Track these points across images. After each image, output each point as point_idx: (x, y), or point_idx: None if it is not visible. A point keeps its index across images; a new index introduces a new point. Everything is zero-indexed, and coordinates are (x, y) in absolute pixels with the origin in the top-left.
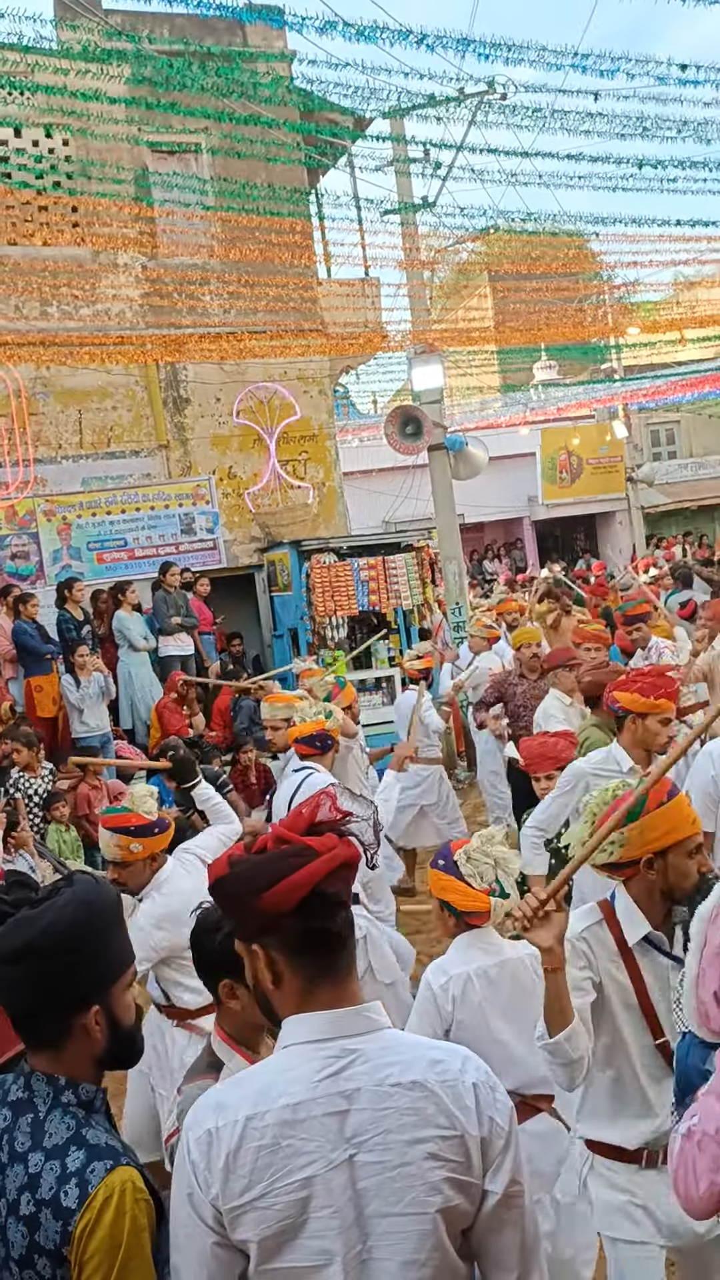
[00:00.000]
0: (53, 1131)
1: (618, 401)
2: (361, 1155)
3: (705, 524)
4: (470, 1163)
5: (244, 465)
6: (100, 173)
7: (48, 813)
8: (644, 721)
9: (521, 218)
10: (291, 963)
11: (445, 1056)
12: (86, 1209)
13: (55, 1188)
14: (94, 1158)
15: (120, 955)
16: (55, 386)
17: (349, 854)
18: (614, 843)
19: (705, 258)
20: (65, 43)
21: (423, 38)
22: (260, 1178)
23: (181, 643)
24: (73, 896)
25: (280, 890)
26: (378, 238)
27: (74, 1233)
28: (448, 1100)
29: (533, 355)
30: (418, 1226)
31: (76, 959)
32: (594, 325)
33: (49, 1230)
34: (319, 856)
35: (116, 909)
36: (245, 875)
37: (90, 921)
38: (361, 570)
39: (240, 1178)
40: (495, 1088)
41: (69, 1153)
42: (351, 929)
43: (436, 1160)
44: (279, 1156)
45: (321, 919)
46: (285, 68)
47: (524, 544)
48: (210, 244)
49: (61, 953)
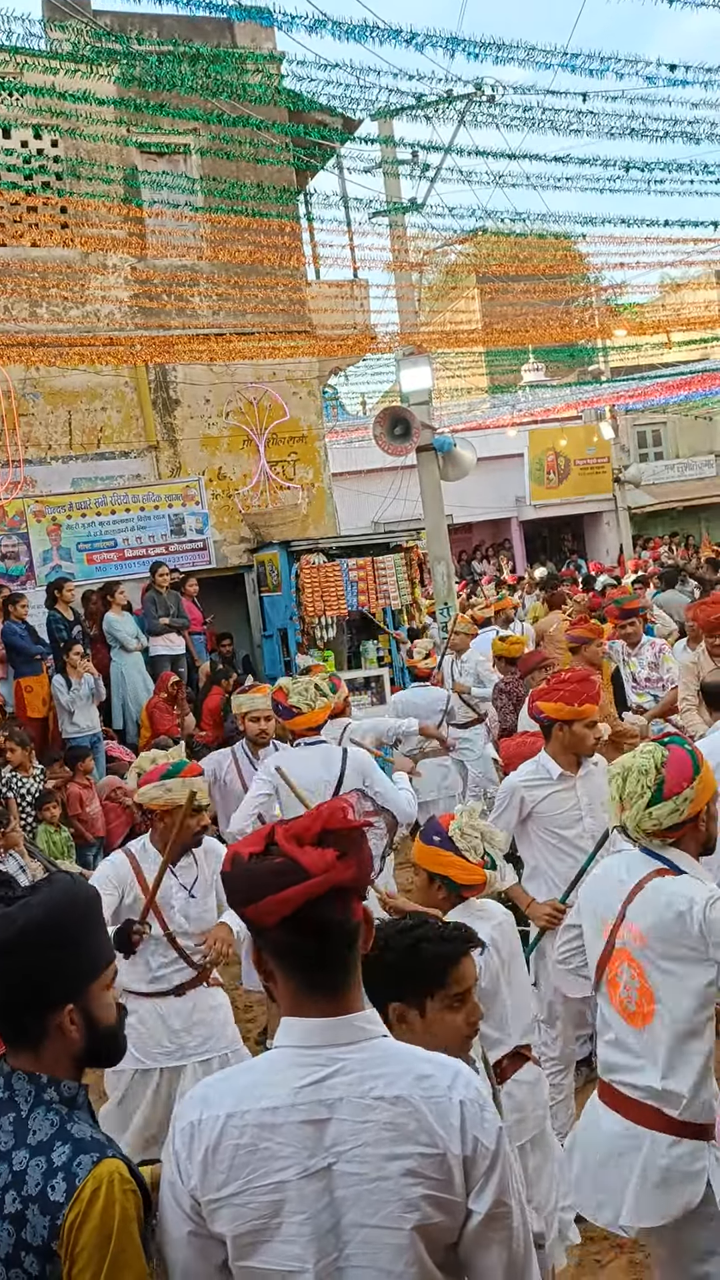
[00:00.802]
0: (36, 1129)
1: (605, 403)
2: (340, 1165)
3: (691, 524)
4: (451, 1181)
5: (233, 466)
6: (89, 173)
7: (39, 813)
8: (570, 728)
9: (510, 219)
10: (281, 969)
11: (435, 1071)
12: (75, 1202)
13: (42, 1183)
14: (80, 1151)
15: (98, 954)
16: (45, 387)
17: (342, 878)
18: (687, 800)
19: (692, 259)
20: (54, 43)
21: (411, 37)
22: (237, 1175)
23: (171, 643)
24: (48, 895)
25: (261, 908)
26: (366, 239)
27: (63, 1226)
28: (431, 1117)
29: (520, 357)
30: (393, 1240)
31: (51, 958)
32: (581, 327)
33: (37, 1226)
34: (308, 879)
35: (94, 908)
36: (233, 884)
37: (65, 920)
38: (351, 571)
39: (218, 1173)
40: (484, 1106)
41: (54, 1148)
42: (350, 946)
43: (415, 1177)
44: (256, 1157)
45: (306, 938)
46: (274, 69)
47: (512, 544)
48: (199, 245)
49: (35, 951)
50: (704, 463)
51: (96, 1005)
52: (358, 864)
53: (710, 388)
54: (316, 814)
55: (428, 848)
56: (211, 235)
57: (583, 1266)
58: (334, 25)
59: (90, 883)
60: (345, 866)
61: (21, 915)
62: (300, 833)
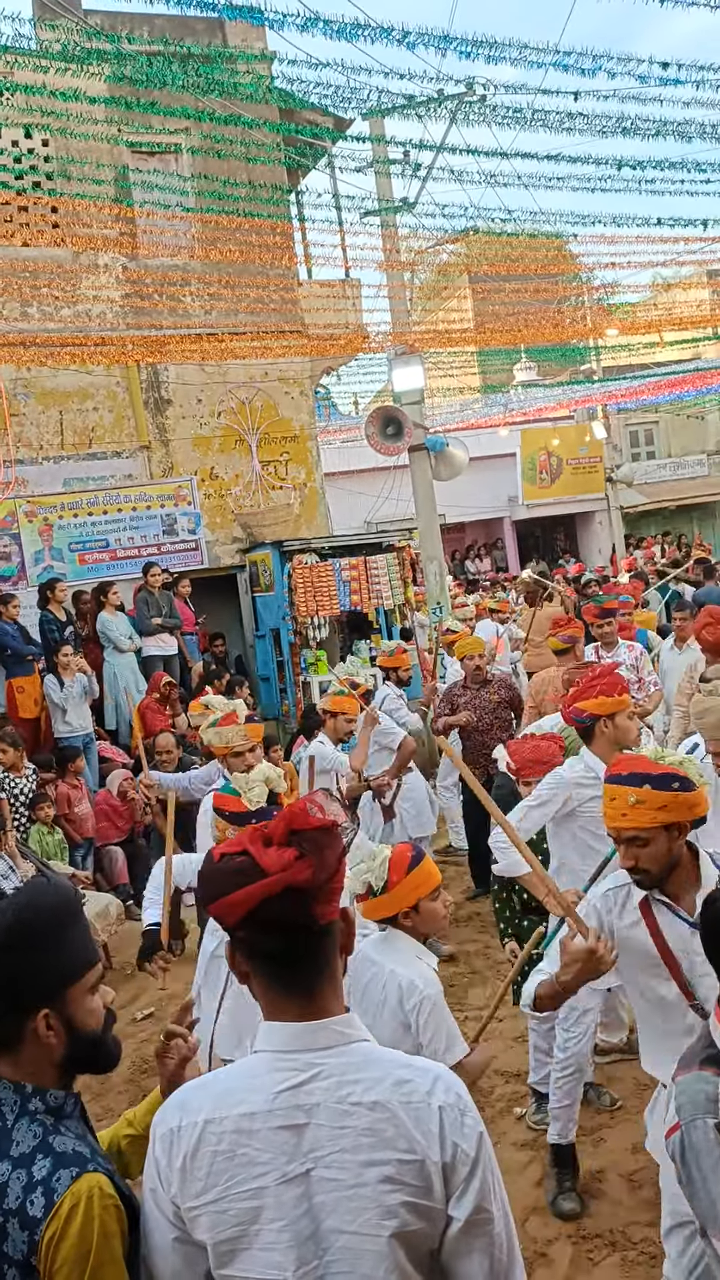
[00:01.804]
0: (20, 1140)
1: (597, 402)
2: (319, 1171)
3: (684, 524)
4: (430, 1188)
5: (226, 466)
6: (80, 173)
7: (32, 813)
8: (614, 720)
9: (501, 218)
10: (253, 969)
11: (414, 1076)
12: (53, 1218)
13: (22, 1197)
14: (60, 1165)
15: (77, 957)
16: (36, 387)
17: (298, 878)
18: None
19: (683, 259)
20: (44, 42)
21: (404, 35)
22: (215, 1182)
23: (164, 643)
24: (17, 900)
25: (220, 907)
26: (358, 239)
27: (40, 1242)
28: (409, 1123)
29: (512, 356)
30: (373, 1248)
31: (21, 961)
32: (573, 327)
33: (17, 1240)
34: (263, 878)
35: (70, 910)
36: (201, 882)
37: (35, 925)
38: (343, 570)
39: (197, 1180)
40: (464, 1111)
41: (35, 1161)
42: (319, 947)
43: (392, 1184)
44: (234, 1164)
45: (271, 938)
46: (265, 68)
47: (504, 544)
48: (191, 245)
49: (8, 953)
50: (696, 462)
51: (77, 1010)
52: (318, 865)
53: (702, 387)
54: (284, 814)
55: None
56: (203, 235)
57: (576, 1264)
58: (325, 24)
59: (68, 883)
60: (303, 866)
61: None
62: (269, 833)
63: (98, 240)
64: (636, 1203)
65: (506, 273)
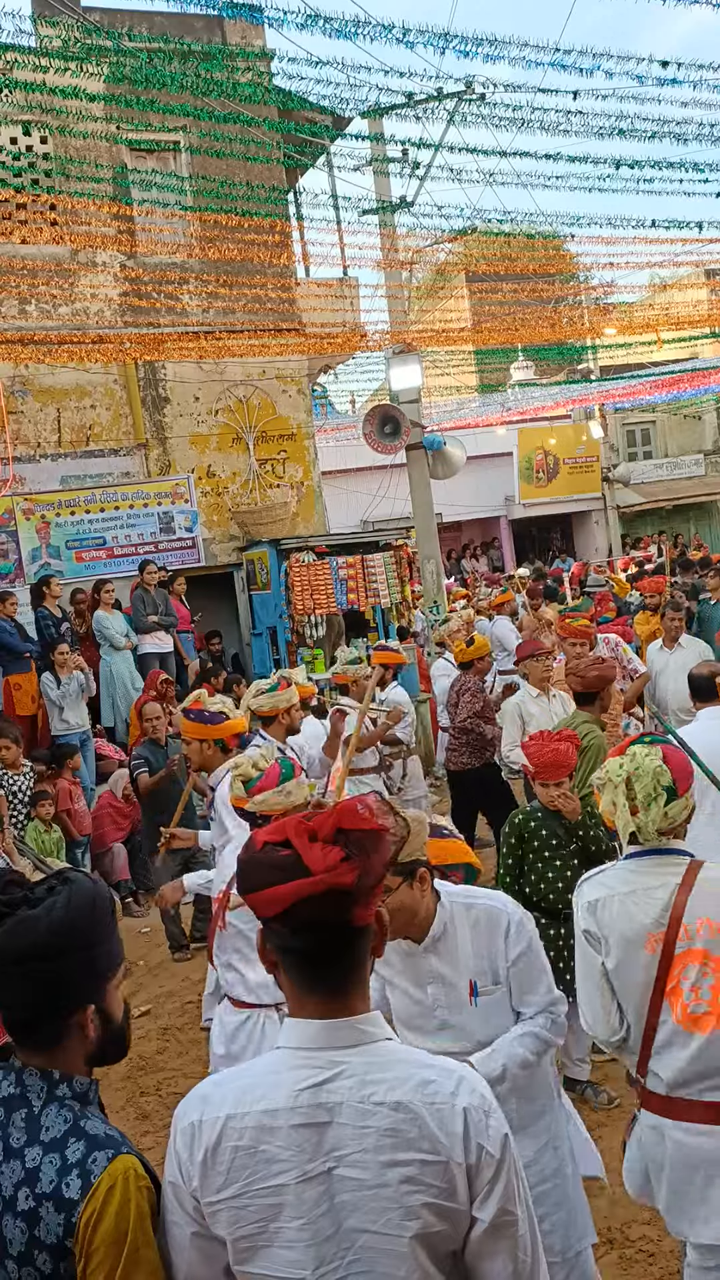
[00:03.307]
0: (49, 1125)
1: (594, 402)
2: (340, 1170)
3: (680, 524)
4: (454, 1189)
5: (223, 464)
6: (79, 171)
7: (32, 810)
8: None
9: (499, 219)
10: (282, 962)
11: (438, 1077)
12: (90, 1199)
13: (56, 1180)
14: (94, 1148)
15: (114, 952)
16: (34, 385)
17: (340, 882)
18: (691, 793)
19: (680, 260)
20: (44, 39)
21: (403, 34)
22: (236, 1178)
23: (160, 641)
24: (72, 896)
25: (259, 899)
26: (356, 238)
27: (78, 1223)
28: (432, 1124)
29: (510, 355)
30: (394, 1248)
31: (79, 959)
32: (571, 326)
33: (51, 1224)
34: (307, 877)
35: (107, 904)
36: (241, 870)
37: (87, 922)
38: (340, 569)
39: (218, 1174)
40: (489, 1112)
41: (68, 1144)
42: (351, 949)
43: (414, 1185)
44: (255, 1160)
45: (303, 936)
46: (264, 66)
47: (501, 543)
48: (189, 243)
49: (64, 953)
50: (693, 462)
51: (111, 1004)
52: (363, 869)
53: (699, 387)
54: (335, 810)
55: (438, 841)
56: (201, 233)
57: None
58: (325, 22)
59: (100, 881)
60: (348, 869)
61: (45, 918)
62: (315, 828)
63: (96, 238)
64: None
65: (504, 272)
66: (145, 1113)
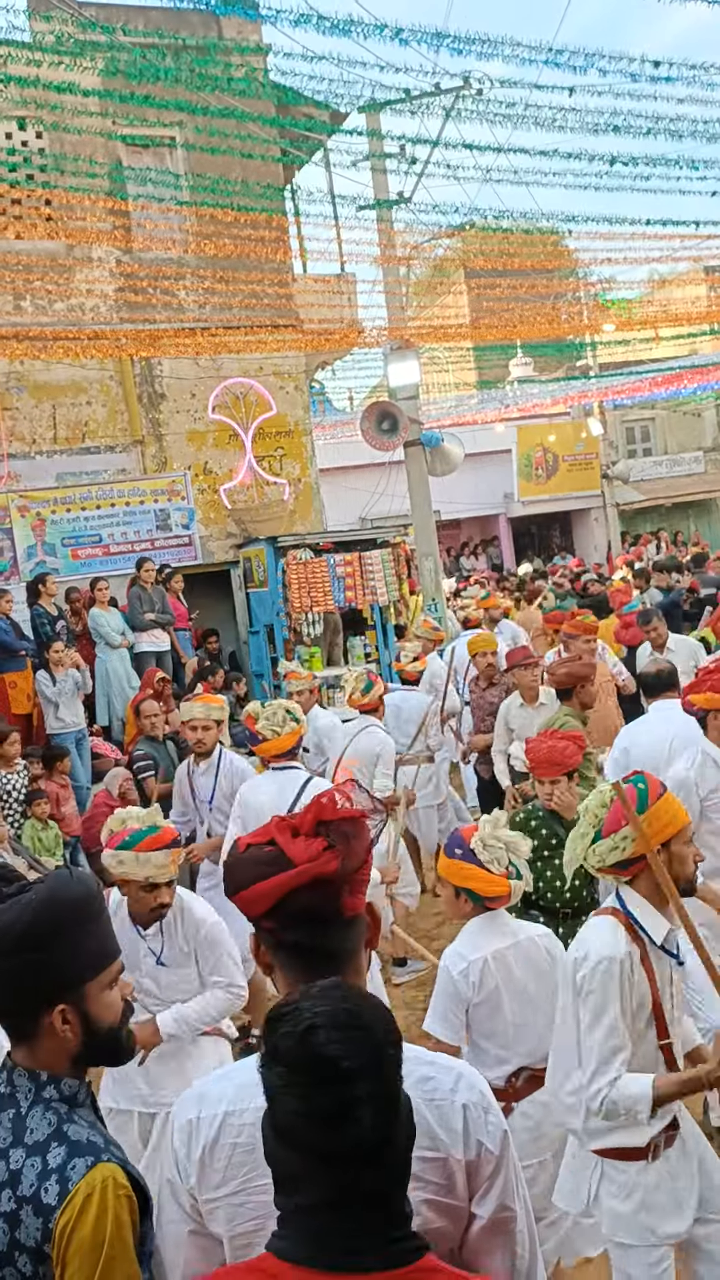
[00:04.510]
0: (34, 1127)
1: (593, 398)
2: None
3: (680, 521)
4: (454, 1185)
5: (220, 461)
6: (74, 166)
7: (28, 809)
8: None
9: (496, 215)
10: (276, 960)
11: (437, 1074)
12: (67, 1206)
13: (36, 1184)
14: (75, 1154)
15: (96, 952)
16: (29, 381)
17: (326, 870)
18: (626, 838)
19: (678, 256)
20: (38, 34)
21: (396, 32)
22: (234, 1174)
23: (156, 639)
24: (39, 894)
25: (247, 896)
26: (353, 233)
27: (54, 1230)
28: (432, 1120)
29: (508, 352)
30: None
31: (40, 957)
32: (569, 322)
33: (30, 1227)
34: (290, 869)
35: (91, 904)
36: (227, 873)
37: (58, 919)
38: (338, 566)
39: (215, 1171)
40: (488, 1109)
41: (50, 1149)
42: (344, 940)
43: (414, 1181)
44: (253, 1157)
45: (293, 932)
46: (260, 61)
47: (500, 541)
48: (185, 239)
49: (22, 951)
50: (692, 459)
51: (95, 1005)
52: (346, 855)
53: (699, 383)
54: (313, 804)
55: (451, 861)
56: (197, 229)
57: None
58: (319, 19)
59: (89, 877)
60: (330, 857)
61: (12, 913)
62: (297, 824)
63: (91, 233)
64: None
65: (502, 268)
66: None
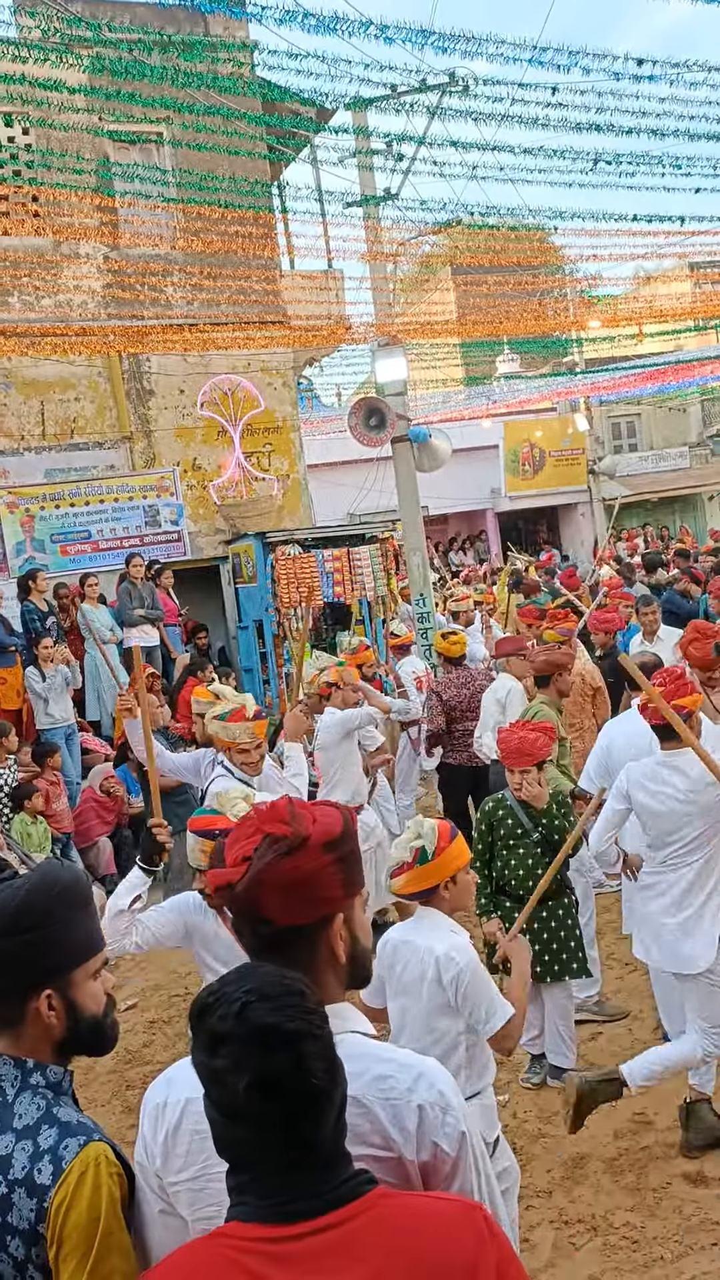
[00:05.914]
0: (22, 1113)
1: (579, 394)
2: None
3: (666, 516)
4: (410, 1186)
5: (208, 457)
6: (61, 162)
7: (18, 804)
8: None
9: (482, 212)
10: (247, 951)
11: (395, 1072)
12: (62, 1184)
13: (29, 1166)
14: (66, 1134)
15: (83, 940)
16: (17, 377)
17: (227, 879)
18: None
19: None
20: (24, 29)
21: (381, 30)
22: (194, 1160)
23: (146, 634)
24: (30, 879)
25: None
26: (340, 230)
27: (50, 1209)
28: (385, 1120)
29: (495, 348)
30: None
31: (30, 938)
32: (555, 319)
33: (23, 1209)
34: (221, 869)
35: (79, 893)
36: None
37: (43, 905)
38: (326, 562)
39: (177, 1156)
40: (447, 1109)
41: (41, 1131)
42: (287, 944)
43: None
44: (210, 1144)
45: (237, 925)
46: (247, 58)
47: (487, 536)
48: (173, 235)
49: (12, 933)
50: (678, 454)
51: (80, 993)
52: (254, 874)
53: (684, 379)
54: (263, 811)
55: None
56: (185, 225)
57: (558, 1249)
58: (305, 16)
59: (78, 867)
60: (237, 871)
61: (3, 896)
62: (258, 824)
63: (79, 230)
64: (618, 1188)
65: (489, 265)
66: (131, 1106)
